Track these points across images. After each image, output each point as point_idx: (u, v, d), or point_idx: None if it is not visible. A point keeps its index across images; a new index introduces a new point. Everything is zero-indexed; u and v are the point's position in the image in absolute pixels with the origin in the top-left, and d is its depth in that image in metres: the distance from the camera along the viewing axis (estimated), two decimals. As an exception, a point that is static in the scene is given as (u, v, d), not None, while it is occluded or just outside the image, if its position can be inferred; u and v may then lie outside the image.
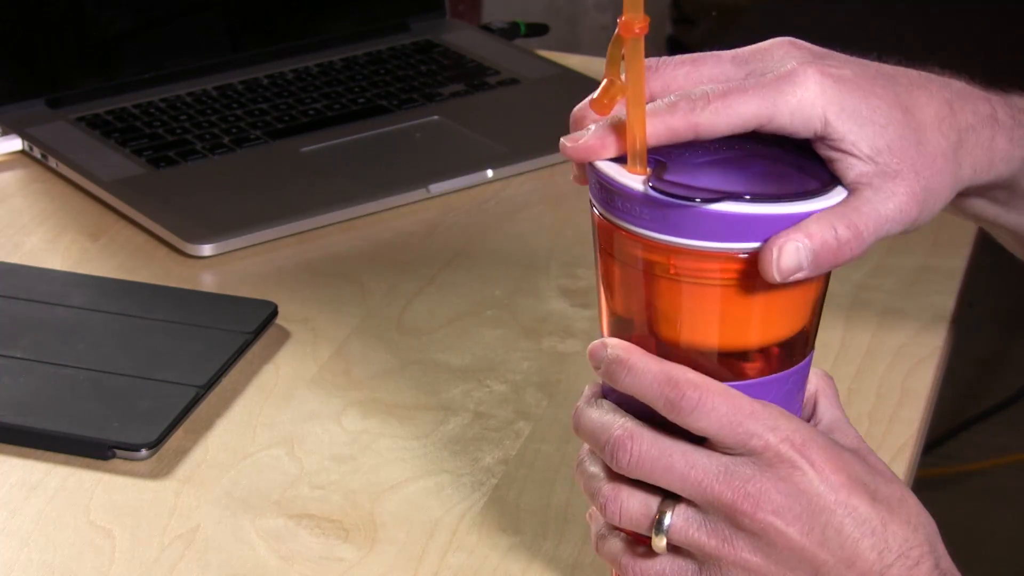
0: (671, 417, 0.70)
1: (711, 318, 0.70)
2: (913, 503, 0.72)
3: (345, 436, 0.96)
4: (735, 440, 0.70)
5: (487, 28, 1.53)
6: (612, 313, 0.73)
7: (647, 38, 0.69)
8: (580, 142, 0.71)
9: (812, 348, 0.74)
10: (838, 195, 0.70)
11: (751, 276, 0.69)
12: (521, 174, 1.27)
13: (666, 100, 0.71)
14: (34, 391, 0.97)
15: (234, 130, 1.30)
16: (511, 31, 1.53)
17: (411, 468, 0.93)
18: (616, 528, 0.74)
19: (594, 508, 0.75)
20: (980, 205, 0.83)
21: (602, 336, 0.74)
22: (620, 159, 0.70)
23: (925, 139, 0.72)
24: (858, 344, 1.05)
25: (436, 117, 1.34)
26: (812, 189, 0.70)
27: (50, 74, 1.35)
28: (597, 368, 0.73)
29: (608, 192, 0.70)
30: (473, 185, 1.25)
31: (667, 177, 0.68)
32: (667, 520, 0.71)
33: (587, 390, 0.76)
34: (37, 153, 1.27)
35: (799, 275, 0.69)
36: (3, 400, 0.96)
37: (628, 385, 0.71)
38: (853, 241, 0.70)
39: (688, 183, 0.68)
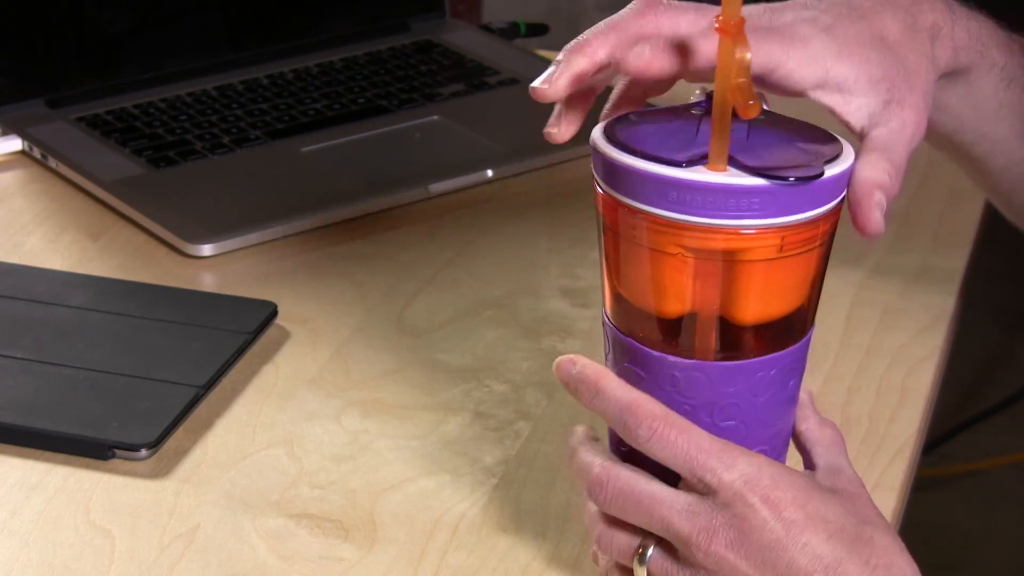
0: (631, 443, 0.74)
1: (753, 292, 0.73)
2: (885, 545, 0.73)
3: (345, 436, 0.96)
4: (690, 473, 0.72)
5: (487, 28, 1.53)
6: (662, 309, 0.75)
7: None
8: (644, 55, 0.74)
9: (812, 325, 0.76)
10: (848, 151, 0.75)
11: (768, 249, 0.72)
12: (521, 174, 1.27)
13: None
14: (34, 391, 0.97)
15: (234, 130, 1.30)
16: (511, 31, 1.53)
17: (411, 468, 0.93)
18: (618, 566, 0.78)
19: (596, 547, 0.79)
20: (945, 115, 0.88)
21: (607, 316, 0.77)
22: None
23: (905, 57, 0.78)
24: (858, 344, 1.05)
25: (436, 117, 1.34)
26: (830, 147, 0.74)
27: (50, 74, 1.35)
28: (564, 383, 0.76)
29: (685, 191, 0.71)
30: (473, 185, 1.25)
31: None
32: (649, 552, 0.75)
33: (580, 431, 0.78)
34: (37, 153, 1.27)
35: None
36: (3, 400, 0.96)
37: (593, 407, 0.75)
38: (897, 175, 0.75)
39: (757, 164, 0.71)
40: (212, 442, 0.95)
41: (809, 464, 0.78)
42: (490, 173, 1.25)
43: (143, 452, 0.92)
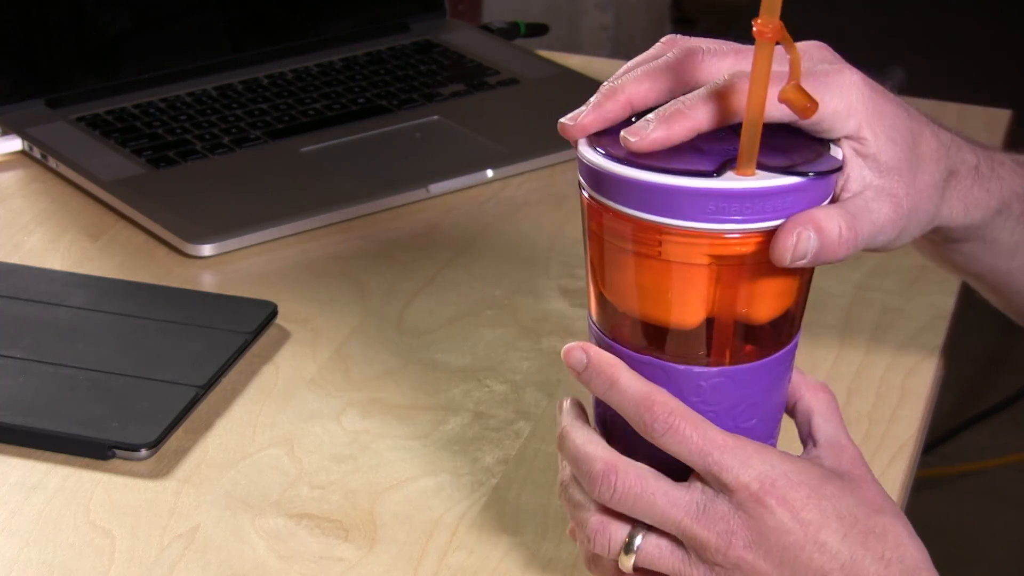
0: (645, 436, 0.73)
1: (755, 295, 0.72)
2: (896, 536, 0.73)
3: (345, 436, 0.96)
4: (705, 470, 0.72)
5: (487, 28, 1.53)
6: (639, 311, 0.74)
7: (649, 34, 0.70)
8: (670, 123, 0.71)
9: (799, 330, 0.76)
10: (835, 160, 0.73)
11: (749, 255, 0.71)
12: (521, 174, 1.27)
13: (720, 85, 0.72)
14: (34, 391, 0.97)
15: (234, 130, 1.30)
16: (511, 31, 1.53)
17: (411, 468, 0.93)
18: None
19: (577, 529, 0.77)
20: (954, 253, 0.88)
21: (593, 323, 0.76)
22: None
23: (922, 168, 0.77)
24: (858, 344, 1.05)
25: (436, 117, 1.34)
26: (807, 141, 0.73)
27: (50, 74, 1.35)
28: (575, 371, 0.75)
29: (674, 196, 0.70)
30: (473, 185, 1.25)
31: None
32: (637, 541, 0.74)
33: (567, 405, 0.78)
34: (37, 153, 1.28)
35: (801, 263, 0.71)
36: (3, 400, 0.96)
37: (608, 398, 0.74)
38: (850, 242, 0.73)
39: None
40: (212, 442, 0.95)
41: (807, 436, 0.77)
42: (490, 173, 1.25)
43: (143, 452, 0.92)
